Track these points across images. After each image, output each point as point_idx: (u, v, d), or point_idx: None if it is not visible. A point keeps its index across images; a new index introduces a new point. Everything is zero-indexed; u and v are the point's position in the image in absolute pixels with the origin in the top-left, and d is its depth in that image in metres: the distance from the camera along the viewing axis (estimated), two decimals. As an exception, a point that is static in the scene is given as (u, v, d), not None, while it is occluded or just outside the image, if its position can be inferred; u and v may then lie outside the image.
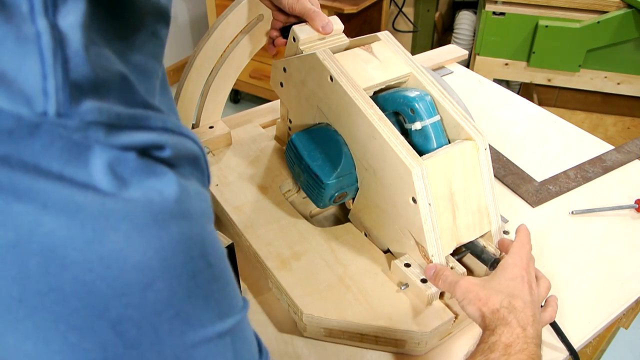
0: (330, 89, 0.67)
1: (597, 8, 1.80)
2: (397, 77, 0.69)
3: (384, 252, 0.70)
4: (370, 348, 0.64)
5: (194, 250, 0.29)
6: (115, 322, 0.27)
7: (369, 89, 0.67)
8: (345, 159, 0.68)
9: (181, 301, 0.29)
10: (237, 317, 0.33)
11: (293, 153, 0.72)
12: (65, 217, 0.25)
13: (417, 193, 0.59)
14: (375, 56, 0.70)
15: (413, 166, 0.59)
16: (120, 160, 0.26)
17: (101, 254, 0.26)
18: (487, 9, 1.89)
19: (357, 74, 0.66)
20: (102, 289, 0.26)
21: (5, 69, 0.24)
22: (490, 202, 0.66)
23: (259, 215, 0.76)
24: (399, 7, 2.45)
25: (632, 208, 0.85)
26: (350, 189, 0.71)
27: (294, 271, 0.67)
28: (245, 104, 2.82)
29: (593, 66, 1.92)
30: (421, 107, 0.64)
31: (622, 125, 2.07)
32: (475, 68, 2.01)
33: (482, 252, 0.65)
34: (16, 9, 0.24)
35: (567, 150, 0.99)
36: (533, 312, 0.53)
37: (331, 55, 0.67)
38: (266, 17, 0.80)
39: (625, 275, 0.75)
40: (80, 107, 0.25)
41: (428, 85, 0.67)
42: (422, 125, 0.64)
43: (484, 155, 0.64)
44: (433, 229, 0.61)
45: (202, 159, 0.33)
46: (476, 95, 1.16)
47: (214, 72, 0.83)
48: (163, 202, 0.27)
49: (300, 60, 0.71)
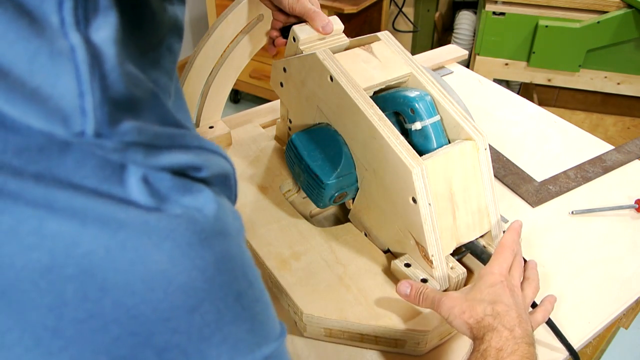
0: (330, 88, 0.67)
1: (597, 8, 1.80)
2: (397, 77, 0.69)
3: (384, 252, 0.70)
4: (370, 348, 0.64)
5: (236, 269, 0.28)
6: (160, 350, 0.25)
7: (369, 88, 0.67)
8: (345, 159, 0.68)
9: (228, 324, 0.27)
10: (280, 341, 0.32)
11: (293, 153, 0.72)
12: (105, 235, 0.23)
13: (417, 193, 0.59)
14: (375, 56, 0.70)
15: (413, 166, 0.59)
16: (157, 179, 0.25)
17: (144, 276, 0.24)
18: (487, 9, 1.89)
19: (357, 74, 0.66)
20: (146, 314, 0.24)
21: (39, 85, 0.22)
22: (491, 202, 0.66)
23: (259, 215, 0.76)
24: (399, 7, 2.45)
25: (632, 208, 0.85)
26: (350, 189, 0.70)
27: (294, 271, 0.67)
28: (245, 104, 2.82)
29: (593, 66, 1.92)
30: (421, 107, 0.64)
31: (622, 125, 2.07)
32: (475, 68, 2.01)
33: (482, 252, 0.65)
34: (46, 22, 0.22)
35: (567, 150, 0.99)
36: (518, 313, 0.53)
37: (331, 55, 0.67)
38: (266, 17, 0.80)
39: (625, 275, 0.75)
40: (120, 127, 0.23)
41: (428, 85, 0.67)
42: (422, 125, 0.64)
43: (484, 155, 0.64)
44: (433, 229, 0.61)
45: (233, 177, 0.32)
46: (476, 95, 1.16)
47: (214, 72, 0.83)
48: (204, 219, 0.26)
49: (300, 60, 0.71)
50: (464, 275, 0.64)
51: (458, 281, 0.64)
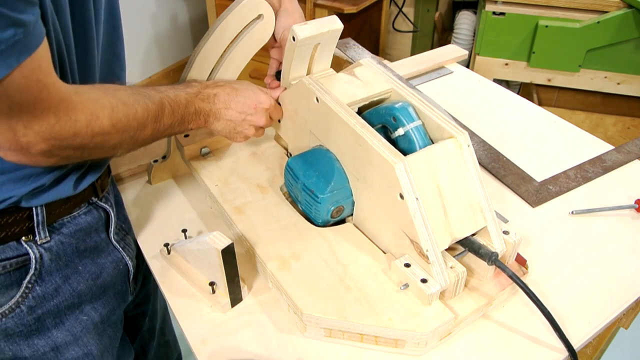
0: (317, 109, 0.73)
1: (597, 8, 1.80)
2: (378, 93, 0.74)
3: (384, 252, 0.70)
4: (370, 348, 0.64)
5: None
6: None
7: (352, 104, 0.73)
8: (338, 173, 0.72)
9: None
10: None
11: (290, 176, 0.76)
12: None
13: (402, 188, 0.61)
14: (357, 78, 0.77)
15: (395, 162, 0.61)
16: None
17: None
18: (487, 9, 1.89)
19: (341, 93, 0.73)
20: None
21: None
22: (482, 197, 0.66)
23: (259, 215, 0.76)
24: (399, 7, 2.45)
25: (632, 208, 0.85)
26: (347, 203, 0.73)
27: (294, 271, 0.67)
28: (245, 104, 2.81)
29: (593, 66, 1.92)
30: (402, 114, 0.69)
31: (622, 125, 2.07)
32: (475, 68, 2.01)
33: (479, 247, 0.65)
34: None
35: (567, 150, 0.99)
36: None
37: (316, 79, 0.74)
38: (266, 17, 0.80)
39: (625, 275, 0.75)
40: None
41: (409, 96, 0.72)
42: (404, 131, 0.68)
43: (467, 152, 0.66)
44: (424, 223, 0.62)
45: None
46: (476, 95, 1.16)
47: (214, 72, 0.83)
48: None
49: (290, 91, 0.78)
50: (464, 274, 0.64)
51: (458, 280, 0.64)
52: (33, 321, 0.66)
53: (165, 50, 2.79)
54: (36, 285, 0.65)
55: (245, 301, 0.70)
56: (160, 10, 2.68)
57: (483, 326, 0.67)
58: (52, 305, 0.67)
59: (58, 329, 0.69)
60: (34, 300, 0.65)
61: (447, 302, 0.65)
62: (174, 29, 2.80)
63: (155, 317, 1.00)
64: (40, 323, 0.67)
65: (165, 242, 0.75)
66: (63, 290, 0.68)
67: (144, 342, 0.99)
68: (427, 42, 2.54)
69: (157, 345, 1.03)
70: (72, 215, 0.67)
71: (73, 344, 0.71)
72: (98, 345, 0.74)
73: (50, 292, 0.66)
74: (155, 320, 1.01)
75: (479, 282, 0.68)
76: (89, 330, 0.72)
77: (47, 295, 0.66)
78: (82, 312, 0.71)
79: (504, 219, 0.82)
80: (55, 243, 0.66)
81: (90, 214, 0.70)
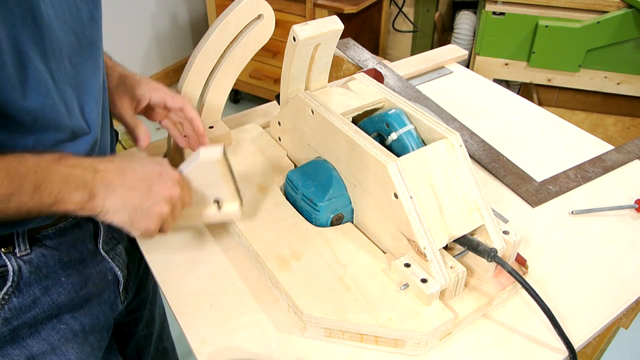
0: (313, 121, 0.76)
1: (597, 8, 1.80)
2: (371, 103, 0.78)
3: (384, 252, 0.70)
4: (370, 348, 0.64)
5: None
6: None
7: (346, 113, 0.76)
8: (336, 182, 0.74)
9: None
10: None
11: (290, 187, 0.77)
12: None
13: (396, 187, 0.62)
14: (351, 90, 0.80)
15: (387, 162, 0.63)
16: None
17: None
18: (487, 9, 1.89)
19: (335, 104, 0.77)
20: None
21: None
22: (478, 195, 0.66)
23: (259, 215, 0.76)
24: (399, 7, 2.45)
25: (632, 208, 0.85)
26: (346, 210, 0.74)
27: (294, 271, 0.67)
28: (245, 104, 2.82)
29: (593, 66, 1.92)
30: (394, 119, 0.72)
31: (622, 125, 2.07)
32: (475, 68, 2.01)
33: (478, 244, 0.65)
34: None
35: (567, 150, 0.99)
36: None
37: (311, 93, 0.78)
38: (266, 17, 0.80)
39: (625, 275, 0.75)
40: None
41: (401, 103, 0.75)
42: (397, 135, 0.71)
43: (460, 152, 0.67)
44: (419, 220, 0.62)
45: None
46: (476, 95, 1.16)
47: (214, 72, 0.83)
48: None
49: (288, 107, 0.82)
50: (464, 274, 0.64)
51: (458, 279, 0.64)
52: (7, 332, 0.63)
53: (165, 50, 2.79)
54: (13, 297, 0.62)
55: (246, 301, 0.70)
56: (160, 10, 2.68)
57: (483, 326, 0.67)
58: (28, 317, 0.64)
59: (33, 338, 0.66)
60: (10, 312, 0.63)
61: (447, 302, 0.65)
62: (174, 29, 2.80)
63: (152, 323, 0.98)
64: (15, 334, 0.64)
65: (165, 242, 0.75)
66: (42, 301, 0.65)
67: (139, 348, 0.97)
68: (427, 42, 2.54)
69: (154, 351, 1.01)
70: (57, 227, 0.65)
71: (50, 354, 0.68)
72: (78, 354, 0.71)
73: (27, 304, 0.64)
74: (153, 327, 0.99)
75: (479, 282, 0.68)
76: (67, 339, 0.69)
77: (24, 307, 0.64)
78: (60, 322, 0.68)
79: (504, 219, 0.82)
80: (37, 255, 0.63)
81: (78, 226, 0.68)
